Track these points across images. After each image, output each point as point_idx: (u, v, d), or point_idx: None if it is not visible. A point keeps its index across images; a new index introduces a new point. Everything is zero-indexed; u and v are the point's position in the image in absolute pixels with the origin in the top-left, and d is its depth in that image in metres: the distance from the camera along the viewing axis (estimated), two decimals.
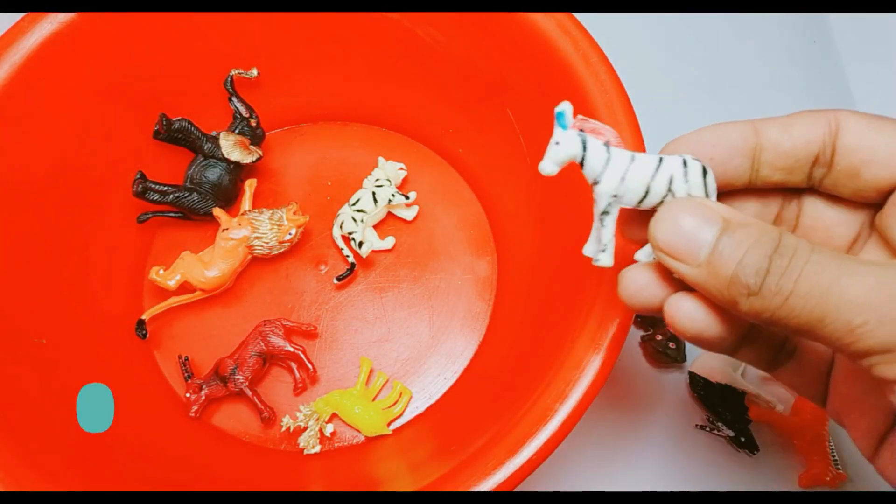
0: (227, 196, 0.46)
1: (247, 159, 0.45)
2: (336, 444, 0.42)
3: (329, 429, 0.42)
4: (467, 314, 0.45)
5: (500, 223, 0.47)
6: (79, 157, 0.42)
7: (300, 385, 0.43)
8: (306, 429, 0.42)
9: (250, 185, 0.47)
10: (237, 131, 0.46)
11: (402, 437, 0.41)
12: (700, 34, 0.56)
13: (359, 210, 0.45)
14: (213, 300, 0.45)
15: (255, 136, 0.47)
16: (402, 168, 0.47)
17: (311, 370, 0.43)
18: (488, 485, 0.30)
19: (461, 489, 0.30)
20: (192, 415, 0.42)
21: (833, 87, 0.55)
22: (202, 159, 0.45)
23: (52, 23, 0.39)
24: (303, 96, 0.49)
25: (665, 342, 0.45)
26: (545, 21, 0.37)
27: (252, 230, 0.44)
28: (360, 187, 0.47)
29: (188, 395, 0.42)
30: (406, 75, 0.46)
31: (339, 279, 0.45)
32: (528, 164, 0.41)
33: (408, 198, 0.46)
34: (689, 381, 0.45)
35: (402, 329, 0.45)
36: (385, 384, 0.43)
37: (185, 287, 0.44)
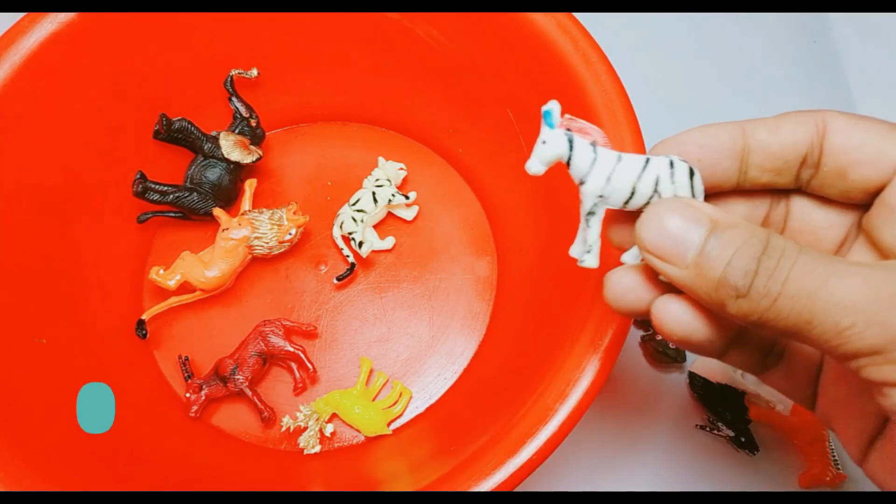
0: (227, 196, 0.46)
1: (247, 159, 0.45)
2: (336, 444, 0.42)
3: (329, 429, 0.42)
4: (467, 314, 0.45)
5: (500, 223, 0.47)
6: (79, 157, 0.42)
7: (300, 385, 0.43)
8: (306, 429, 0.42)
9: (250, 185, 0.47)
10: (237, 131, 0.46)
11: (402, 437, 0.41)
12: (700, 34, 0.56)
13: (359, 210, 0.45)
14: (213, 300, 0.45)
15: (255, 136, 0.47)
16: (402, 168, 0.47)
17: (311, 370, 0.43)
18: (488, 485, 0.30)
19: (461, 489, 0.30)
20: (192, 415, 0.42)
21: (833, 87, 0.55)
22: (202, 159, 0.45)
23: (52, 23, 0.39)
24: (303, 96, 0.49)
25: (665, 342, 0.45)
26: (545, 21, 0.37)
27: (252, 230, 0.44)
28: (360, 187, 0.47)
29: (188, 395, 0.42)
30: (406, 75, 0.46)
31: (339, 279, 0.45)
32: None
33: (408, 198, 0.46)
34: (689, 381, 0.45)
35: (402, 329, 0.45)
36: (385, 384, 0.43)
37: (185, 287, 0.44)
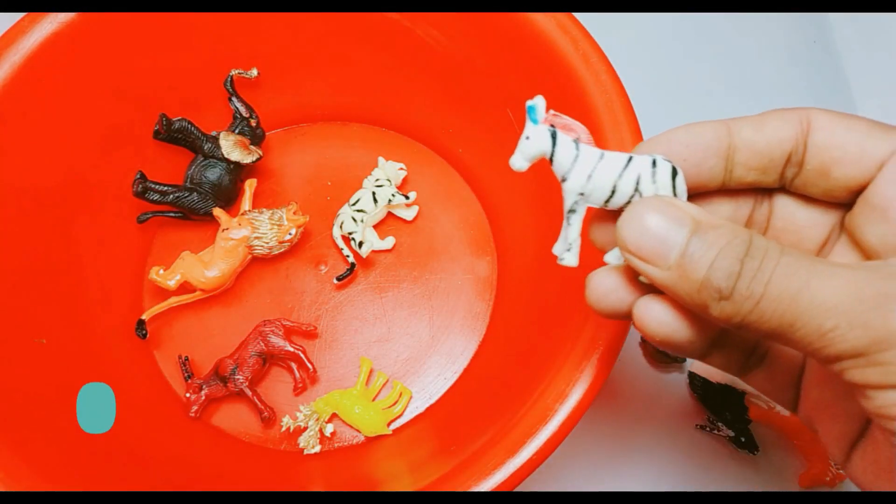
0: (227, 196, 0.46)
1: (247, 159, 0.45)
2: (336, 444, 0.42)
3: (329, 429, 0.42)
4: (467, 314, 0.45)
5: (500, 223, 0.47)
6: (79, 157, 0.42)
7: (300, 385, 0.43)
8: (306, 429, 0.42)
9: (250, 185, 0.47)
10: (237, 131, 0.46)
11: (402, 437, 0.41)
12: (700, 34, 0.56)
13: (359, 210, 0.45)
14: (213, 300, 0.45)
15: (255, 136, 0.47)
16: (402, 168, 0.47)
17: (311, 370, 0.43)
18: (488, 485, 0.30)
19: (461, 489, 0.30)
20: (192, 415, 0.42)
21: (833, 87, 0.55)
22: (202, 159, 0.45)
23: (52, 23, 0.39)
24: (303, 96, 0.49)
25: None
26: (545, 21, 0.37)
27: (252, 230, 0.44)
28: (360, 187, 0.47)
29: (188, 395, 0.42)
30: (406, 75, 0.46)
31: (339, 279, 0.45)
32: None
33: (408, 198, 0.46)
34: (689, 381, 0.45)
35: (402, 329, 0.45)
36: (385, 384, 0.43)
37: (185, 287, 0.44)
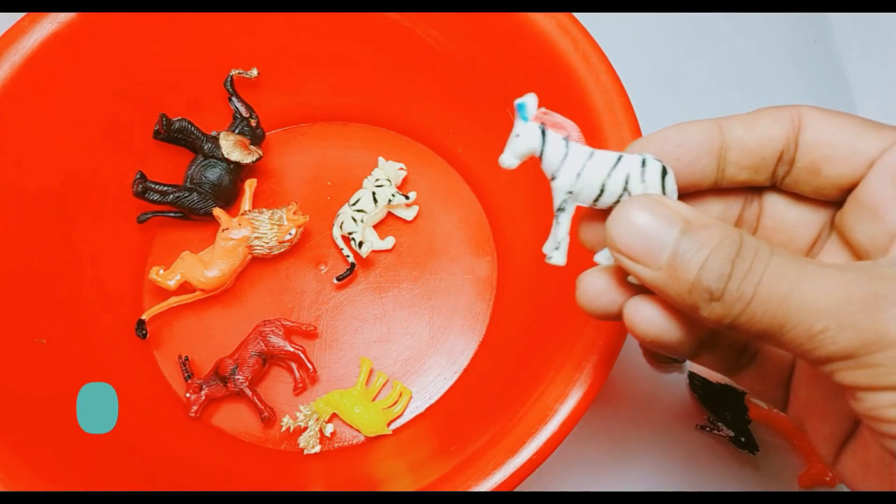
0: (227, 196, 0.46)
1: (247, 159, 0.45)
2: (336, 444, 0.42)
3: (329, 429, 0.42)
4: (467, 314, 0.45)
5: (500, 223, 0.47)
6: (79, 158, 0.42)
7: (300, 385, 0.43)
8: (306, 429, 0.42)
9: (250, 185, 0.47)
10: (237, 131, 0.46)
11: (402, 437, 0.41)
12: (700, 34, 0.56)
13: (359, 210, 0.45)
14: (213, 300, 0.45)
15: (255, 136, 0.47)
16: (402, 168, 0.47)
17: (311, 370, 0.43)
18: (488, 485, 0.30)
19: (461, 489, 0.30)
20: (192, 415, 0.42)
21: (833, 87, 0.55)
22: (202, 159, 0.45)
23: (52, 23, 0.39)
24: (303, 96, 0.49)
25: None
26: (545, 21, 0.37)
27: (252, 230, 0.44)
28: (360, 187, 0.47)
29: (188, 395, 0.42)
30: (406, 75, 0.46)
31: (339, 279, 0.45)
32: (528, 164, 0.41)
33: (408, 198, 0.46)
34: (689, 381, 0.45)
35: (402, 329, 0.45)
36: (385, 384, 0.43)
37: (185, 287, 0.44)
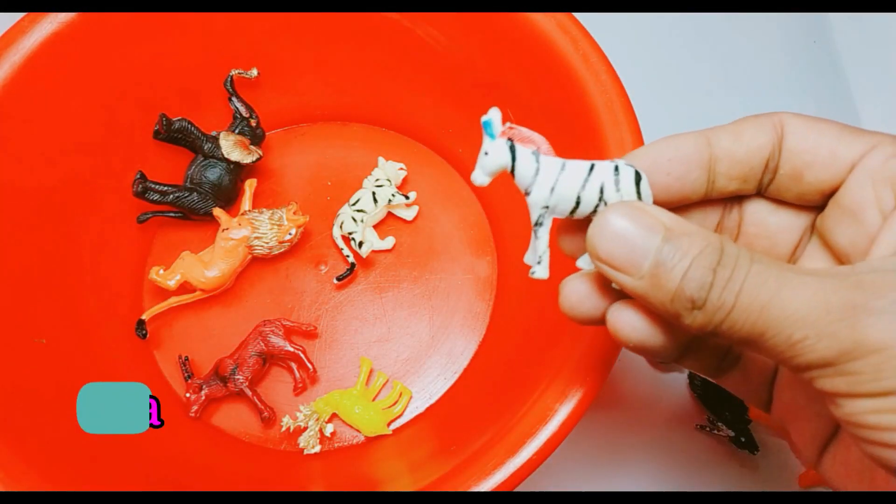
0: (227, 196, 0.46)
1: (247, 159, 0.45)
2: (336, 444, 0.42)
3: (329, 429, 0.42)
4: (467, 314, 0.45)
5: (500, 223, 0.47)
6: (79, 157, 0.42)
7: (300, 385, 0.43)
8: (306, 429, 0.42)
9: (250, 185, 0.47)
10: (237, 131, 0.46)
11: (402, 437, 0.41)
12: (700, 34, 0.56)
13: (359, 210, 0.45)
14: (213, 300, 0.45)
15: (255, 136, 0.47)
16: (402, 168, 0.47)
17: (311, 370, 0.43)
18: (488, 485, 0.30)
19: (461, 489, 0.30)
20: (192, 415, 0.42)
21: (833, 87, 0.55)
22: (202, 159, 0.45)
23: (52, 23, 0.39)
24: (303, 96, 0.49)
25: None
26: (545, 21, 0.37)
27: (252, 230, 0.44)
28: (360, 187, 0.47)
29: (188, 395, 0.42)
30: (406, 75, 0.46)
31: (339, 279, 0.45)
32: None
33: (408, 198, 0.46)
34: (689, 381, 0.45)
35: (402, 329, 0.45)
36: (385, 384, 0.43)
37: (185, 287, 0.44)
